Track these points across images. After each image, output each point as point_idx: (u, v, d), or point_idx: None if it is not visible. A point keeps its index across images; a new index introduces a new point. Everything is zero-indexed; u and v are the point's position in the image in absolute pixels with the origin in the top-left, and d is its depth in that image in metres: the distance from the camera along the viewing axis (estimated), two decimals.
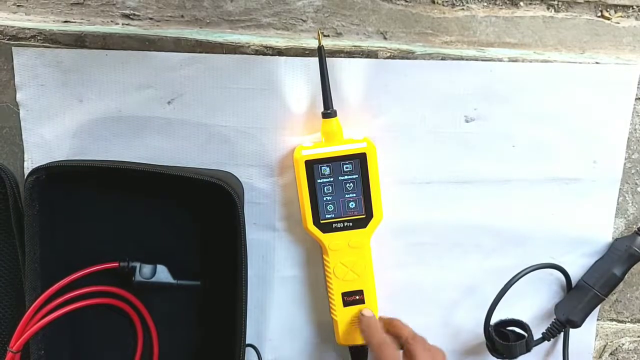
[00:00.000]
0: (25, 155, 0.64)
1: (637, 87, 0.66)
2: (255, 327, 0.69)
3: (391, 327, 0.64)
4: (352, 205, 0.63)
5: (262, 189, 0.66)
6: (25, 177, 0.61)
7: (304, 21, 0.64)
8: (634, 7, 0.66)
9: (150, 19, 0.64)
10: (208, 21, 0.64)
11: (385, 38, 0.65)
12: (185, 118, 0.64)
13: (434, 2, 0.64)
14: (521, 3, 0.65)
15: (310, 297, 0.69)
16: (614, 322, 0.73)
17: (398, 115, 0.65)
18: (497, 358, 0.68)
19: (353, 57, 0.64)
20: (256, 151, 0.65)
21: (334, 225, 0.64)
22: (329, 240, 0.64)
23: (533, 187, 0.67)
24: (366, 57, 0.64)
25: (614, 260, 0.68)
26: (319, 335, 0.70)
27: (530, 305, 0.71)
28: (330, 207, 0.63)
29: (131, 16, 0.63)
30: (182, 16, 0.63)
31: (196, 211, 0.65)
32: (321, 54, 0.60)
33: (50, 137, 0.64)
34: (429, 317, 0.70)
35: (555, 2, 0.65)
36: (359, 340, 0.67)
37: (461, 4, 0.64)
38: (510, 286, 0.66)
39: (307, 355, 0.71)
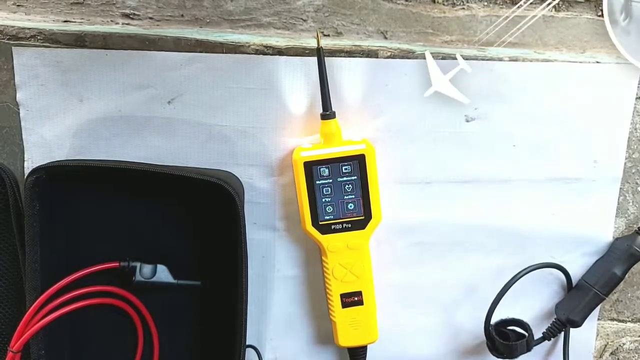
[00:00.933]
0: (26, 155, 0.64)
1: (638, 87, 0.66)
2: (255, 327, 0.69)
3: None
4: (350, 206, 0.63)
5: (262, 189, 0.66)
6: (25, 177, 0.62)
7: (304, 20, 0.64)
8: None
9: (150, 18, 0.63)
10: (208, 21, 0.64)
11: (385, 37, 0.65)
12: (186, 118, 0.64)
13: (434, 2, 0.64)
14: (521, 2, 0.64)
15: (310, 297, 0.69)
16: (615, 322, 0.73)
17: (398, 115, 0.65)
18: (498, 358, 0.68)
19: (353, 56, 0.64)
20: (256, 151, 0.65)
21: (332, 226, 0.64)
22: (328, 241, 0.64)
23: (533, 187, 0.67)
24: (366, 57, 0.64)
25: (615, 259, 0.68)
26: (319, 335, 0.70)
27: (530, 304, 0.71)
28: (329, 209, 0.63)
29: (131, 16, 0.63)
30: (182, 16, 0.63)
31: (196, 211, 0.65)
32: (320, 55, 0.60)
33: (50, 137, 0.64)
34: (429, 317, 0.70)
35: (556, 2, 0.64)
36: (358, 342, 0.67)
37: (461, 4, 0.64)
38: (511, 286, 0.66)
39: (307, 355, 0.71)
